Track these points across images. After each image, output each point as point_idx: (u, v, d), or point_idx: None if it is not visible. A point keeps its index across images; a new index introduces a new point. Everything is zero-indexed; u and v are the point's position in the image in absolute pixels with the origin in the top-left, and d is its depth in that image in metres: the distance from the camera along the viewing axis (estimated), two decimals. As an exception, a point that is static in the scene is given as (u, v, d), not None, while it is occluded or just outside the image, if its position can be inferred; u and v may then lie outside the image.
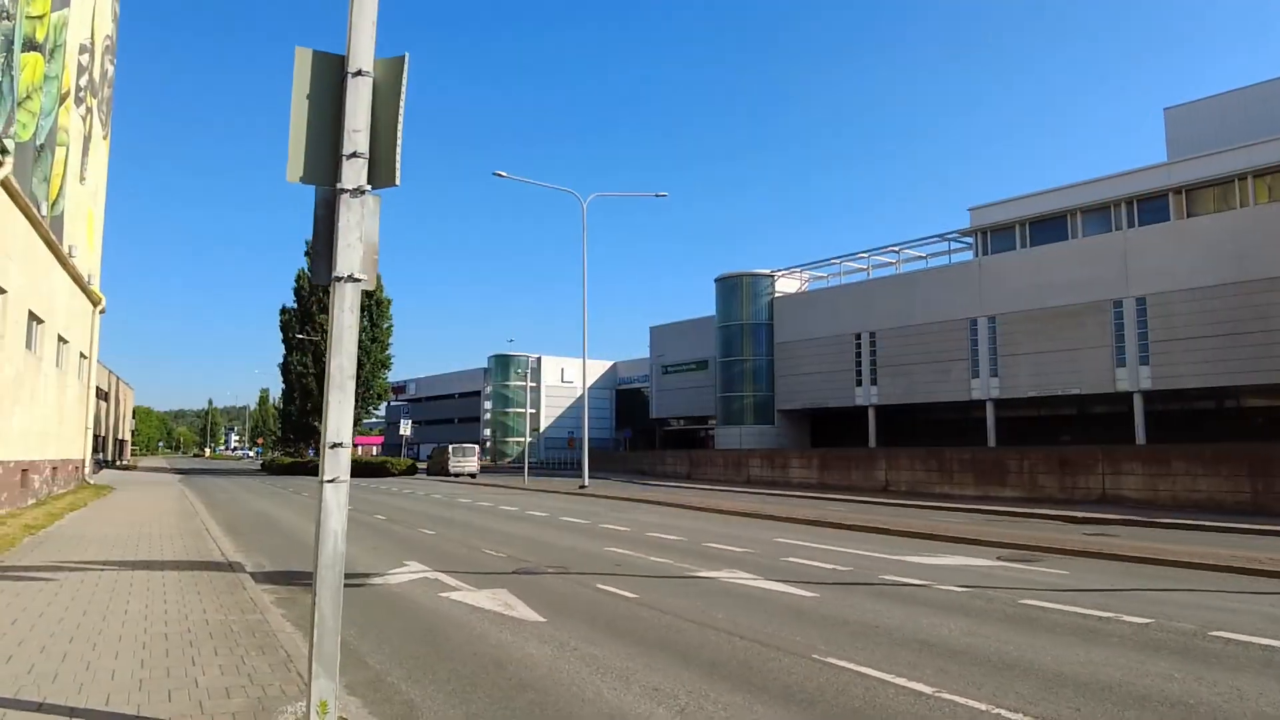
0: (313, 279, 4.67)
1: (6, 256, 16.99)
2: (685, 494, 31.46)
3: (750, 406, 64.04)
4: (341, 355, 4.41)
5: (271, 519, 20.48)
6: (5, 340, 17.43)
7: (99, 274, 29.74)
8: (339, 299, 4.44)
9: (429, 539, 15.74)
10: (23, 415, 19.32)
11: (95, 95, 27.42)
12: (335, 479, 4.37)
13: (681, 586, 10.38)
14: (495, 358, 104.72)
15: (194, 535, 15.02)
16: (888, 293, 56.69)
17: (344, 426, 4.40)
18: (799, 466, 38.36)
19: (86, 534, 14.64)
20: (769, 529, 18.04)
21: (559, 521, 19.53)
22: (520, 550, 13.88)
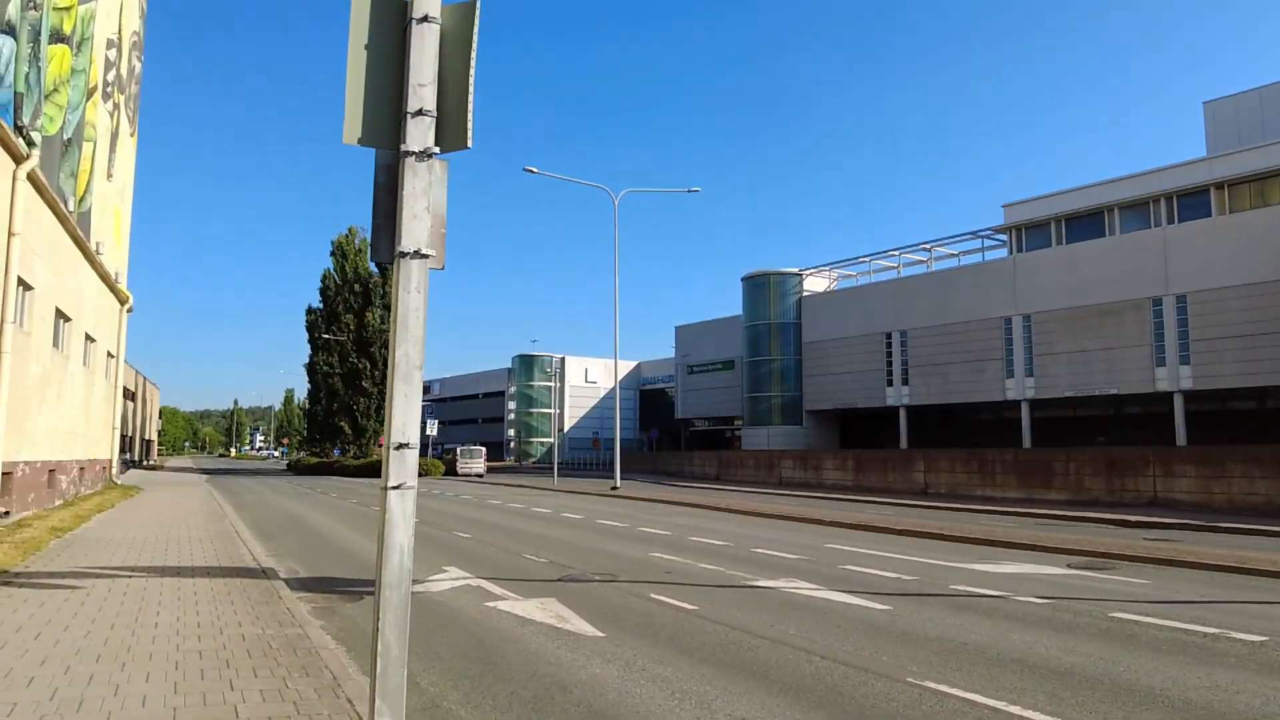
0: (373, 257, 4.08)
1: (33, 252, 16.59)
2: (719, 496, 30.81)
3: (778, 407, 63.25)
4: (408, 342, 3.83)
5: (302, 521, 20.01)
6: (32, 338, 17.03)
7: (126, 272, 29.45)
8: (404, 278, 3.86)
9: (465, 542, 15.19)
10: (50, 415, 18.94)
11: (123, 91, 27.11)
12: (401, 485, 3.79)
13: (741, 597, 9.74)
14: (519, 358, 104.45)
15: (224, 538, 14.54)
16: (920, 291, 55.75)
17: (411, 424, 3.82)
18: (833, 468, 37.59)
19: (114, 537, 14.18)
20: (817, 534, 17.36)
21: (596, 525, 18.94)
22: (562, 555, 13.29)
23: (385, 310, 60.51)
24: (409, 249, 3.84)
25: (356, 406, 59.56)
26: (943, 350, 53.62)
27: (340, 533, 17.18)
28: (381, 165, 4.00)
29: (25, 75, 15.85)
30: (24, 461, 16.77)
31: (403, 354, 3.80)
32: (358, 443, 60.48)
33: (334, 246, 64.85)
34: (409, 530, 3.80)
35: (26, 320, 16.82)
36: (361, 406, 59.47)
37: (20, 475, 16.53)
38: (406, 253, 3.84)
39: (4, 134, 14.08)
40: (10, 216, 14.83)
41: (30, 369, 16.96)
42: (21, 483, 16.66)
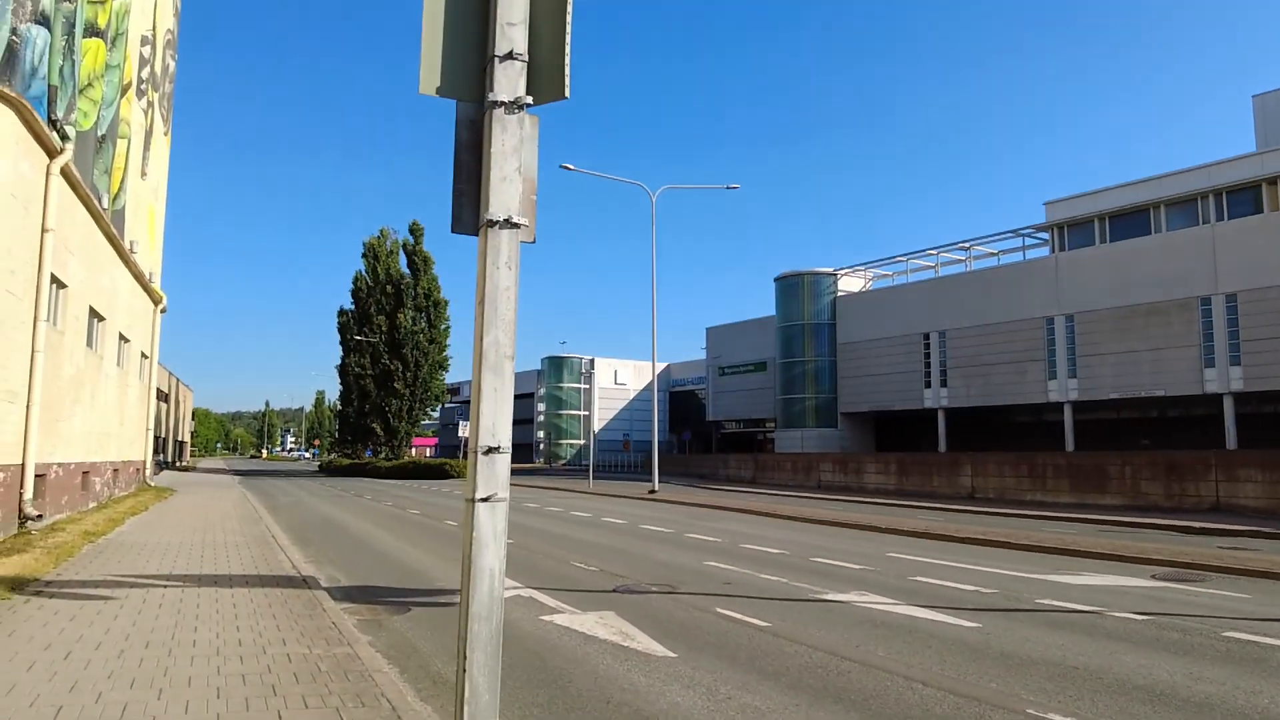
0: (454, 228, 3.45)
1: (67, 249, 16.22)
2: (760, 500, 30.09)
3: (812, 409, 62.34)
4: (497, 327, 3.20)
5: (339, 525, 19.52)
6: (65, 337, 16.67)
7: (160, 272, 29.20)
8: (492, 252, 3.23)
9: (508, 548, 14.61)
10: (83, 416, 18.59)
11: (156, 89, 26.85)
12: (491, 496, 3.17)
13: (813, 612, 9.07)
14: (548, 360, 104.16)
15: (260, 543, 14.05)
16: (959, 291, 54.68)
17: (502, 423, 3.20)
18: (874, 472, 36.71)
19: (148, 542, 13.73)
20: (875, 541, 16.61)
21: (641, 530, 18.29)
22: (611, 563, 12.66)
23: (417, 312, 60.25)
24: (497, 217, 3.22)
25: (388, 408, 59.31)
26: (983, 351, 52.56)
27: (379, 537, 16.66)
28: (464, 120, 3.39)
29: (60, 68, 15.48)
30: (57, 463, 16.40)
31: (491, 341, 3.17)
32: (390, 444, 60.24)
33: (365, 248, 64.72)
34: (500, 551, 3.19)
35: (60, 319, 16.45)
36: (393, 408, 59.21)
37: (54, 477, 16.15)
38: (495, 221, 3.22)
39: (38, 127, 13.68)
40: (44, 212, 14.44)
41: (64, 369, 16.59)
42: (55, 485, 16.29)
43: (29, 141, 13.56)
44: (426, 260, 61.28)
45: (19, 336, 13.49)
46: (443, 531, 17.72)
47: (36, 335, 14.16)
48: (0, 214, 12.46)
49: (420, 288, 60.50)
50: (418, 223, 61.86)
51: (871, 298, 61.39)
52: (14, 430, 13.53)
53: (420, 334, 59.75)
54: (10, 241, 12.87)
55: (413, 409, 60.07)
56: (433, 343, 60.34)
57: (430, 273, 61.31)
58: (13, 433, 13.46)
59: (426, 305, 60.54)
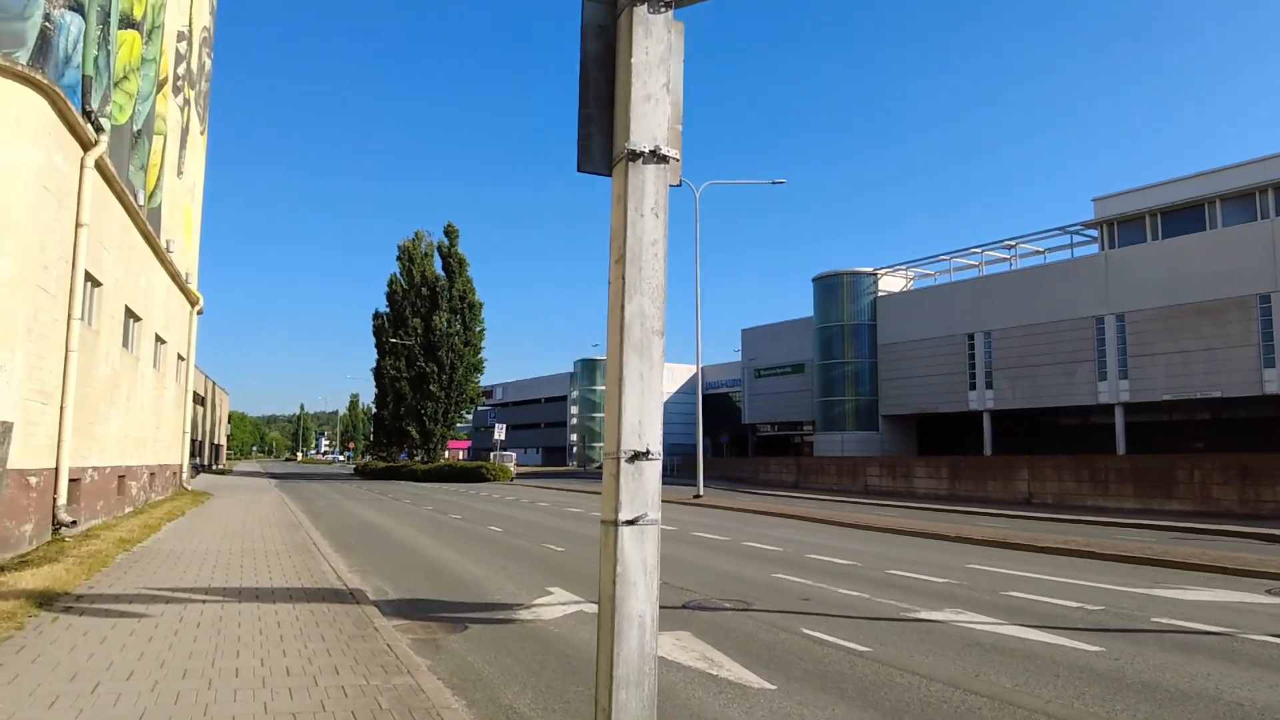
0: (581, 165, 2.64)
1: (102, 246, 15.68)
2: (809, 505, 29.17)
3: (851, 411, 61.18)
4: (642, 294, 2.41)
5: (380, 531, 18.86)
6: (101, 337, 16.13)
7: (196, 273, 28.80)
8: (633, 195, 2.44)
9: (559, 557, 13.84)
10: (119, 418, 18.08)
11: (193, 87, 26.43)
12: (639, 518, 2.39)
13: (910, 634, 8.20)
14: (581, 362, 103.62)
15: (301, 551, 13.39)
16: (1004, 290, 53.34)
17: (650, 419, 2.41)
18: (925, 476, 35.59)
19: (185, 550, 13.11)
20: (948, 551, 15.67)
21: (695, 538, 17.46)
22: (673, 575, 11.85)
23: (452, 314, 59.79)
24: (641, 147, 2.43)
25: (424, 411, 58.89)
26: (1029, 352, 51.20)
27: (423, 544, 15.96)
28: (592, 24, 2.59)
29: (94, 58, 14.94)
30: (92, 467, 15.86)
31: (634, 311, 2.38)
32: (425, 447, 59.83)
33: (400, 251, 64.48)
34: (653, 592, 2.42)
35: (95, 318, 15.92)
36: (429, 410, 58.79)
37: (89, 482, 15.61)
38: (637, 153, 2.43)
39: (72, 117, 13.12)
40: (78, 207, 13.88)
41: (99, 370, 16.06)
42: (90, 490, 15.75)
43: (62, 132, 13.00)
44: (461, 262, 60.88)
45: (53, 335, 12.92)
46: (487, 538, 17.00)
47: (71, 334, 13.60)
48: (32, 207, 11.89)
49: (455, 290, 60.06)
50: (453, 225, 61.56)
51: (913, 298, 60.13)
52: (47, 433, 12.96)
53: (455, 336, 59.30)
54: (43, 237, 12.31)
55: (448, 411, 59.61)
56: (468, 345, 59.88)
57: (465, 274, 60.89)
58: (46, 435, 12.89)
59: (461, 307, 60.11)
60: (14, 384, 11.43)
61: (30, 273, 11.87)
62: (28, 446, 12.10)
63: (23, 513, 11.91)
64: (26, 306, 11.77)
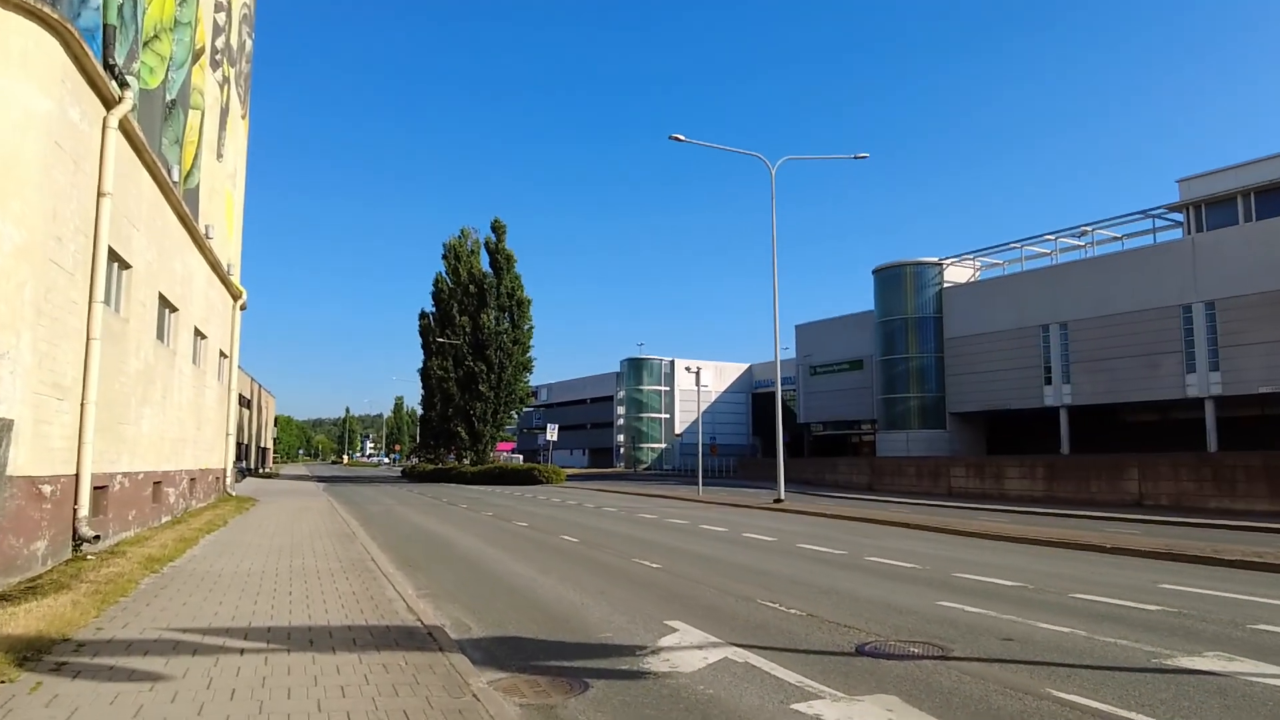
0: None
1: (130, 223, 13.83)
2: (903, 511, 26.76)
3: (916, 409, 58.50)
4: None
5: (443, 542, 16.83)
6: (131, 326, 14.29)
7: (239, 266, 27.08)
8: None
9: (663, 578, 11.67)
10: (154, 417, 16.25)
11: (233, 64, 24.70)
12: None
13: (1197, 694, 5.92)
14: (627, 361, 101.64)
15: (359, 570, 11.39)
16: (1081, 278, 50.41)
17: None
18: (1018, 477, 32.94)
19: (223, 570, 11.15)
20: (1121, 567, 13.27)
21: (806, 552, 15.18)
22: (814, 603, 9.64)
23: (500, 311, 58.07)
24: None
25: (473, 411, 57.16)
26: (1110, 343, 48.26)
27: (495, 559, 13.89)
28: None
29: (119, 6, 13.07)
30: (122, 473, 14.01)
31: None
32: (475, 449, 58.12)
33: (446, 249, 63.00)
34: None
35: (123, 304, 14.07)
36: (478, 411, 57.04)
37: (118, 489, 13.76)
38: None
39: (90, 66, 11.25)
40: (100, 172, 12.01)
41: (129, 362, 14.21)
42: (120, 498, 13.90)
43: (78, 81, 11.12)
44: (509, 259, 59.12)
45: (70, 320, 11.03)
46: (565, 551, 14.90)
47: (92, 320, 11.72)
48: (42, 164, 10.00)
49: (503, 286, 58.32)
50: (500, 220, 59.86)
51: (981, 289, 57.25)
52: (65, 434, 11.08)
53: (504, 334, 57.56)
54: (56, 202, 10.41)
55: (497, 412, 57.83)
56: (516, 343, 58.09)
57: (513, 271, 59.15)
58: (63, 436, 11.01)
59: (510, 305, 58.37)
60: (19, 374, 9.53)
61: (40, 243, 9.98)
62: (40, 449, 10.22)
63: (33, 528, 10.02)
64: (36, 283, 9.88)
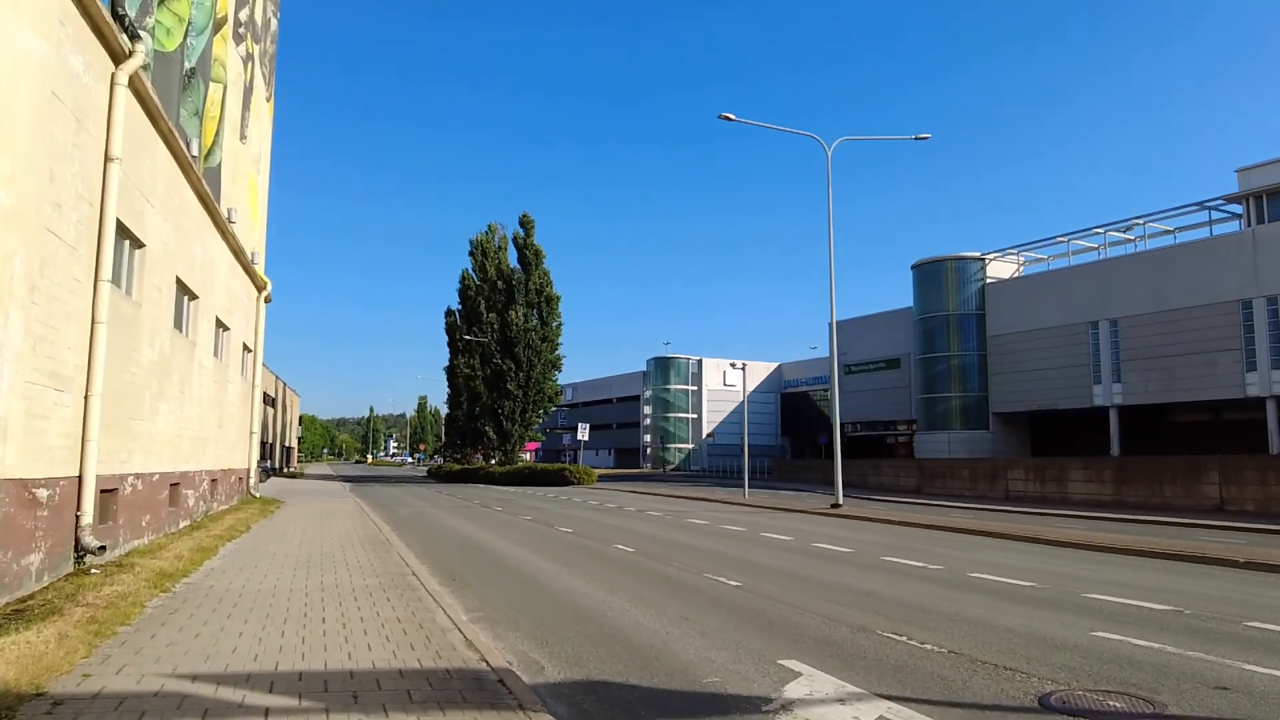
0: None
1: (142, 195, 12.43)
2: (970, 517, 25.03)
3: (958, 409, 56.56)
4: None
5: (487, 551, 15.31)
6: (144, 312, 12.89)
7: (264, 256, 25.75)
8: None
9: (746, 598, 10.10)
10: (171, 414, 14.87)
11: (257, 41, 23.37)
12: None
13: None
14: (654, 360, 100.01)
15: (400, 587, 9.92)
16: (1131, 273, 48.39)
17: None
18: (1082, 480, 31.09)
19: (244, 588, 9.70)
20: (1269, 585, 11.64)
21: (897, 566, 13.52)
22: (945, 634, 8.04)
23: (528, 308, 56.62)
24: None
25: (501, 410, 55.72)
26: (1163, 340, 46.21)
27: (548, 572, 12.36)
28: None
29: (129, -47, 11.69)
30: (134, 474, 12.60)
31: None
32: (503, 448, 56.68)
33: (473, 246, 61.72)
34: None
35: (135, 286, 12.67)
36: (506, 410, 55.59)
37: (129, 493, 12.35)
38: None
39: (96, 12, 9.84)
40: (108, 134, 10.60)
41: (142, 352, 12.81)
42: (131, 502, 12.49)
43: (80, 27, 9.70)
44: (538, 254, 57.64)
45: (70, 300, 9.62)
46: (624, 562, 13.37)
47: (98, 301, 10.31)
48: (35, 118, 8.58)
49: (532, 283, 56.85)
50: (528, 215, 58.35)
51: (1026, 284, 55.26)
52: (64, 430, 9.67)
53: (533, 331, 56.08)
54: (52, 163, 9.00)
55: (525, 411, 56.34)
56: (545, 340, 56.59)
57: (541, 267, 57.66)
58: (62, 433, 9.59)
59: (538, 301, 56.91)
60: (7, 360, 8.10)
61: (34, 209, 8.56)
62: (34, 448, 8.81)
63: (25, 539, 8.60)
64: (28, 255, 8.47)
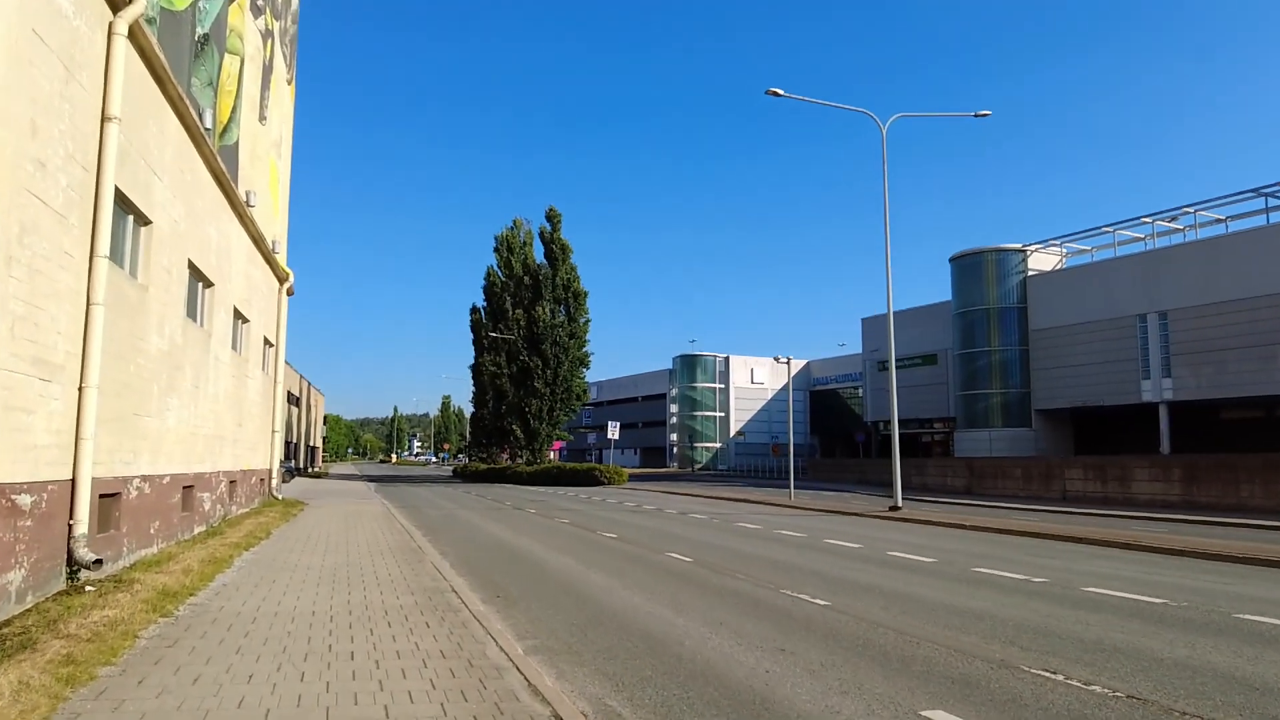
0: None
1: (148, 165, 11.14)
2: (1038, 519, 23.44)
3: (998, 406, 54.69)
4: None
5: (526, 558, 13.91)
6: (151, 294, 11.60)
7: (285, 246, 24.54)
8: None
9: (844, 622, 8.63)
10: (184, 410, 13.59)
11: (278, 18, 22.13)
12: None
13: None
14: (680, 358, 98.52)
15: (438, 606, 8.56)
16: (1182, 263, 46.40)
17: None
18: (1148, 479, 29.32)
19: (259, 611, 8.36)
20: None
21: (998, 580, 11.95)
22: (1108, 671, 6.56)
23: (555, 304, 55.25)
24: None
25: (528, 408, 54.36)
26: (1215, 334, 44.23)
27: (602, 587, 10.94)
28: None
29: (130, -108, 10.38)
30: (140, 476, 11.31)
31: None
32: (530, 447, 55.32)
33: (498, 242, 60.50)
34: None
35: (142, 267, 11.39)
36: (533, 408, 54.23)
37: (135, 497, 11.05)
38: None
39: (86, -52, 8.54)
40: (105, 90, 9.31)
41: (150, 340, 11.52)
42: (137, 508, 11.19)
43: (68, -41, 8.40)
44: (565, 249, 56.22)
45: (59, 277, 8.32)
46: (684, 574, 11.95)
47: (94, 279, 9.02)
48: (9, 55, 7.27)
49: (559, 278, 55.45)
50: (555, 209, 56.97)
51: (1070, 276, 53.28)
52: (54, 426, 8.36)
53: (560, 328, 54.69)
54: (33, 112, 7.69)
55: (553, 409, 54.96)
56: (573, 337, 55.17)
57: (569, 262, 56.21)
58: (51, 430, 8.29)
59: (565, 297, 55.51)
60: (-24, 341, 6.80)
61: (9, 164, 7.25)
62: (13, 446, 7.50)
63: (3, 555, 7.29)
64: (3, 218, 7.16)
